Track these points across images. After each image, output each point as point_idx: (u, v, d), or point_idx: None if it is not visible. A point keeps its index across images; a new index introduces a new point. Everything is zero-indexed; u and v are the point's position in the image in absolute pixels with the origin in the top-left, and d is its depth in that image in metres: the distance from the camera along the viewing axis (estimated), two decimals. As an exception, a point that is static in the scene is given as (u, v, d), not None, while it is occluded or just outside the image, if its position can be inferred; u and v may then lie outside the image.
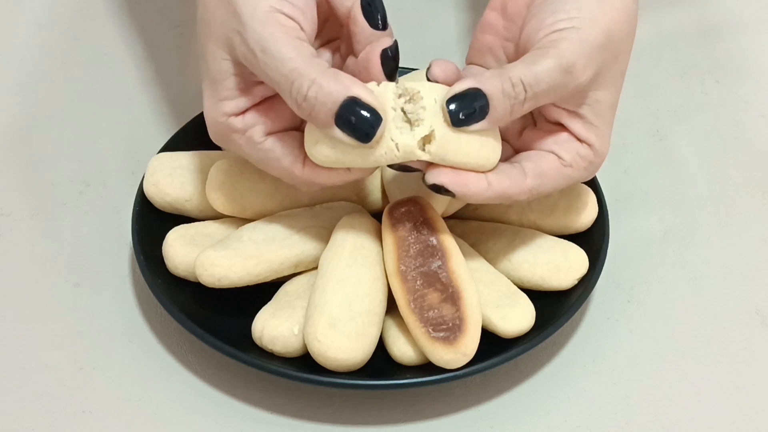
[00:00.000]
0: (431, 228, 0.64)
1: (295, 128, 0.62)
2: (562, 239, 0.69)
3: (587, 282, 0.67)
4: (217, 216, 0.69)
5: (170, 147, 0.73)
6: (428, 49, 0.87)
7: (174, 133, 0.75)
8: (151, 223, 0.69)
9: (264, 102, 0.62)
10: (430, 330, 0.61)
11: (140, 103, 0.83)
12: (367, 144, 0.57)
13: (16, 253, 0.72)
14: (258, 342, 0.63)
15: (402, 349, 0.63)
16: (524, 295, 0.65)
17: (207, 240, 0.66)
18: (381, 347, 0.63)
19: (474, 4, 0.92)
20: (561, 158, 0.62)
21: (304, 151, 0.60)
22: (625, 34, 0.61)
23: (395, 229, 0.64)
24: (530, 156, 0.62)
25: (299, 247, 0.66)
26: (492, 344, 0.63)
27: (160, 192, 0.69)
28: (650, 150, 0.82)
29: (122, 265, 0.71)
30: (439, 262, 0.63)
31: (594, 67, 0.60)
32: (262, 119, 0.61)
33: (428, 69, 0.62)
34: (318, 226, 0.67)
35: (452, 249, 0.63)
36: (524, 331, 0.64)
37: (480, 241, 0.69)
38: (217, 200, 0.67)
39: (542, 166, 0.61)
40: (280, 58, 0.57)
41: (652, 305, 0.71)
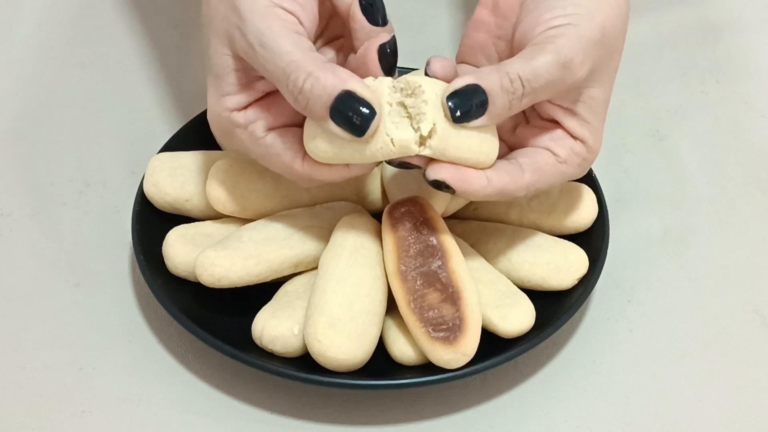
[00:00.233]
0: (431, 228, 0.64)
1: (296, 124, 0.62)
2: (562, 239, 0.69)
3: (587, 282, 0.67)
4: (217, 216, 0.69)
5: (170, 147, 0.73)
6: (428, 49, 0.86)
7: (174, 133, 0.75)
8: (151, 223, 0.69)
9: (265, 97, 0.62)
10: (430, 330, 0.61)
11: (140, 103, 0.83)
12: (362, 138, 0.57)
13: (16, 253, 0.72)
14: (258, 342, 0.63)
15: (402, 349, 0.63)
16: (524, 295, 0.65)
17: (207, 240, 0.66)
18: (381, 347, 0.63)
19: (474, 4, 0.91)
20: (556, 155, 0.62)
21: (304, 147, 0.61)
22: (618, 31, 0.61)
23: (395, 229, 0.64)
24: (526, 152, 0.62)
25: (299, 247, 0.66)
26: (492, 344, 0.63)
27: (160, 192, 0.69)
28: (650, 150, 0.82)
29: (122, 265, 0.71)
30: (439, 262, 0.63)
31: (590, 63, 0.60)
32: (264, 114, 0.61)
33: (427, 65, 0.63)
34: (318, 226, 0.67)
35: (452, 249, 0.63)
36: (524, 331, 0.64)
37: (480, 241, 0.69)
38: (217, 200, 0.67)
39: (539, 162, 0.61)
40: (278, 51, 0.57)
41: (652, 305, 0.71)
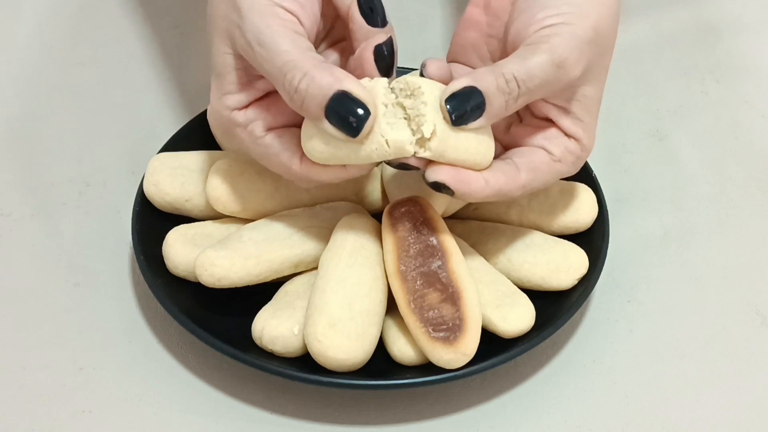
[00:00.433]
0: (431, 228, 0.64)
1: (295, 125, 0.62)
2: (562, 239, 0.69)
3: (587, 282, 0.67)
4: (217, 216, 0.69)
5: (170, 147, 0.73)
6: (427, 49, 0.87)
7: (174, 133, 0.75)
8: (151, 223, 0.69)
9: (266, 97, 0.62)
10: (430, 330, 0.61)
11: (140, 103, 0.83)
12: (356, 138, 0.57)
13: (16, 253, 0.72)
14: (258, 342, 0.63)
15: (402, 349, 0.63)
16: (524, 295, 0.65)
17: (207, 240, 0.66)
18: (381, 347, 0.63)
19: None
20: (551, 153, 0.62)
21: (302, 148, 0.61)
22: (610, 30, 0.62)
23: (395, 229, 0.64)
24: (521, 152, 0.62)
25: (299, 247, 0.66)
26: (492, 344, 0.63)
27: (160, 192, 0.69)
28: (650, 150, 0.82)
29: (122, 265, 0.71)
30: (439, 262, 0.63)
31: (585, 62, 0.60)
32: (263, 114, 0.62)
33: (423, 67, 0.63)
34: (318, 226, 0.67)
35: (452, 249, 0.63)
36: (524, 331, 0.64)
37: (480, 241, 0.69)
38: (217, 200, 0.67)
39: (534, 162, 0.62)
40: (276, 50, 0.58)
41: (652, 305, 0.71)
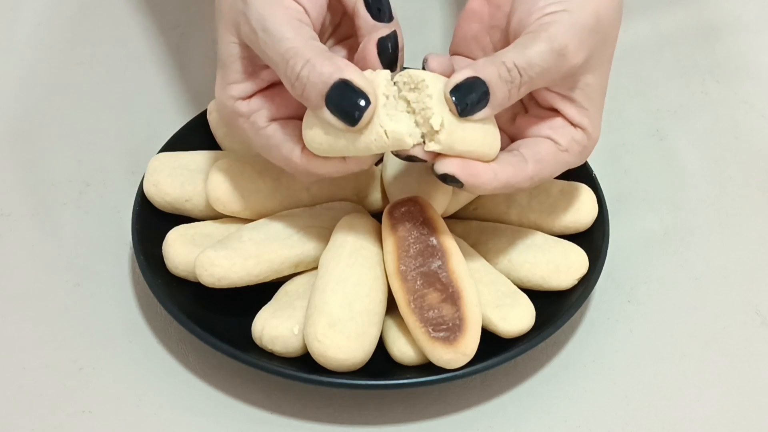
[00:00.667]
0: (431, 228, 0.64)
1: (298, 117, 0.62)
2: (562, 239, 0.69)
3: (587, 282, 0.67)
4: (217, 216, 0.69)
5: (170, 147, 0.73)
6: (428, 49, 0.86)
7: (174, 133, 0.75)
8: (151, 223, 0.69)
9: (270, 88, 0.62)
10: (430, 330, 0.61)
11: (140, 103, 0.83)
12: (355, 128, 0.57)
13: (16, 253, 0.72)
14: (258, 342, 0.63)
15: (402, 349, 0.63)
16: (524, 295, 0.65)
17: (207, 240, 0.66)
18: (381, 347, 0.63)
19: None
20: (557, 143, 0.62)
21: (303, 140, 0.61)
22: (613, 18, 0.62)
23: (395, 229, 0.64)
24: (527, 143, 0.62)
25: (299, 247, 0.66)
26: (492, 344, 0.63)
27: (160, 192, 0.69)
28: (650, 150, 0.82)
29: (122, 265, 0.71)
30: (439, 262, 0.63)
31: (586, 49, 0.60)
32: (267, 105, 0.62)
33: (424, 62, 0.63)
34: (318, 226, 0.67)
35: (452, 249, 0.63)
36: (524, 331, 0.64)
37: (480, 241, 0.69)
38: (217, 200, 0.67)
39: (541, 152, 0.62)
40: (279, 37, 0.58)
41: (652, 305, 0.71)
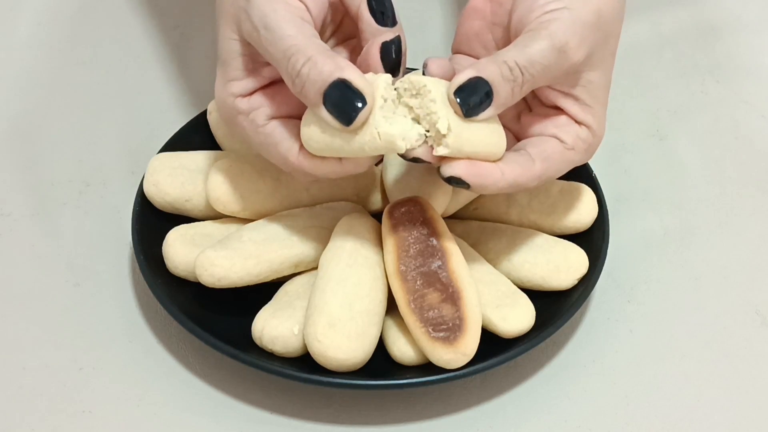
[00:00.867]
0: (431, 228, 0.64)
1: (298, 117, 0.62)
2: (562, 239, 0.69)
3: (587, 282, 0.67)
4: (217, 216, 0.69)
5: (170, 147, 0.73)
6: (428, 50, 0.86)
7: (174, 133, 0.75)
8: (151, 223, 0.69)
9: (271, 86, 0.62)
10: (430, 330, 0.61)
11: (140, 103, 0.83)
12: (350, 127, 0.57)
13: (16, 253, 0.72)
14: (258, 342, 0.63)
15: (402, 349, 0.63)
16: (524, 295, 0.65)
17: (207, 240, 0.66)
18: (381, 347, 0.63)
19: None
20: (563, 142, 0.62)
21: (301, 140, 0.61)
22: (614, 15, 0.62)
23: (395, 229, 0.64)
24: (533, 142, 0.62)
25: (299, 247, 0.66)
26: (492, 344, 0.63)
27: (160, 192, 0.69)
28: (650, 150, 0.82)
29: (122, 265, 0.71)
30: (439, 262, 0.63)
31: (587, 46, 0.60)
32: (267, 102, 0.62)
33: (424, 67, 0.63)
34: (318, 226, 0.67)
35: (452, 249, 0.63)
36: (524, 331, 0.64)
37: (480, 241, 0.69)
38: (217, 200, 0.67)
39: (547, 151, 0.61)
40: (281, 34, 0.58)
41: (652, 305, 0.71)
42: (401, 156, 0.59)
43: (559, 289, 0.67)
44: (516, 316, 0.64)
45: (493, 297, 0.64)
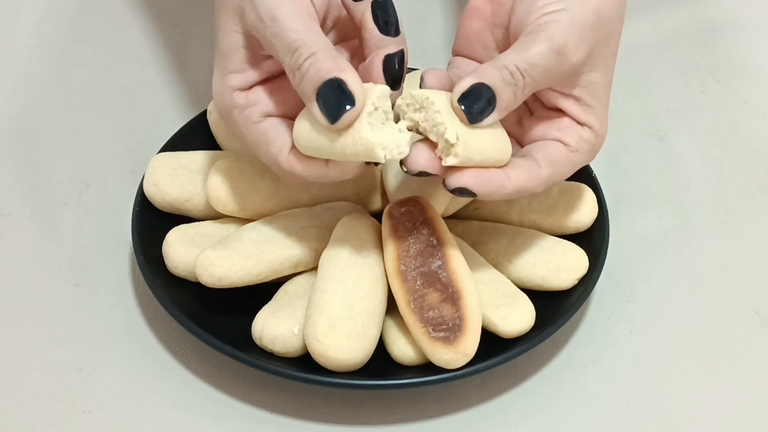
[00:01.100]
0: (431, 228, 0.64)
1: (293, 117, 0.62)
2: (562, 239, 0.69)
3: (587, 282, 0.67)
4: (217, 216, 0.69)
5: (170, 147, 0.73)
6: (428, 50, 0.87)
7: (174, 133, 0.75)
8: (151, 223, 0.69)
9: (270, 81, 0.62)
10: (430, 330, 0.61)
11: (140, 103, 0.83)
12: (335, 126, 0.57)
13: (16, 253, 0.72)
14: (258, 342, 0.63)
15: (402, 349, 0.63)
16: (524, 295, 0.65)
17: (207, 240, 0.66)
18: (381, 347, 0.63)
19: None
20: (567, 144, 0.62)
21: (293, 141, 0.60)
22: (614, 15, 0.61)
23: (395, 229, 0.64)
24: (537, 147, 0.62)
25: (299, 247, 0.66)
26: (492, 344, 0.63)
27: (160, 192, 0.69)
28: (650, 150, 0.82)
29: (122, 265, 0.71)
30: (439, 262, 0.63)
31: (586, 46, 0.60)
32: (264, 98, 0.62)
33: (422, 80, 0.63)
34: (318, 226, 0.67)
35: (452, 249, 0.63)
36: (524, 331, 0.64)
37: (480, 241, 0.69)
38: (217, 200, 0.67)
39: (552, 154, 0.61)
40: (288, 27, 0.58)
41: (652, 305, 0.71)
42: (406, 172, 0.59)
43: (559, 289, 0.67)
44: (516, 316, 0.64)
45: (493, 297, 0.64)
